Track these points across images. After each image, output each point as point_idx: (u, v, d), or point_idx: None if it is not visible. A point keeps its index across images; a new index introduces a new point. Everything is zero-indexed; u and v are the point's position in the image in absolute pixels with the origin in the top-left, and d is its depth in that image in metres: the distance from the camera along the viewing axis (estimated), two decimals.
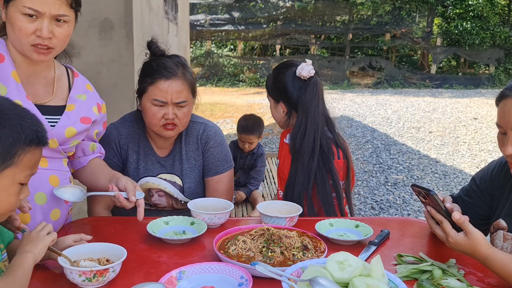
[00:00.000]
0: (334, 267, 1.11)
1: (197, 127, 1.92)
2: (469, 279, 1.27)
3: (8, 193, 1.10)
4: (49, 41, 1.39)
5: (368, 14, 15.41)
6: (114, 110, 3.55)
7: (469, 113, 9.78)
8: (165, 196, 1.89)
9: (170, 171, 1.89)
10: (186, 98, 1.76)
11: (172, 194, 1.89)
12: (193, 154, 1.91)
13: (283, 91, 1.93)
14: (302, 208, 1.69)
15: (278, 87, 1.96)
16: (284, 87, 1.92)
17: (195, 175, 1.92)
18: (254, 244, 1.37)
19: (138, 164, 1.87)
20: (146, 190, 1.87)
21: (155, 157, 1.89)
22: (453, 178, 5.69)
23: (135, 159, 1.88)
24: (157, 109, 1.74)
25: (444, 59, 15.85)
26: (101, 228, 1.64)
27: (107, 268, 1.17)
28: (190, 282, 1.20)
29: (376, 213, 4.52)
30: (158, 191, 1.89)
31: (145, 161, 1.88)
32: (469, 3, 14.47)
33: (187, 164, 1.90)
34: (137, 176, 1.86)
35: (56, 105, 1.53)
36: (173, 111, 1.74)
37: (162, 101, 1.73)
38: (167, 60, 1.77)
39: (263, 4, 15.53)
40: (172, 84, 1.72)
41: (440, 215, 1.31)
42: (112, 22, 3.34)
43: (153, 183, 1.87)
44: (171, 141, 1.89)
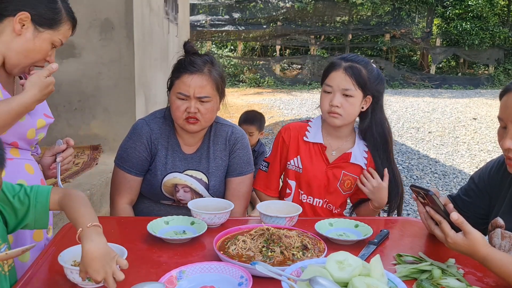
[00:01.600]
0: (334, 267, 1.12)
1: (226, 129, 1.98)
2: (468, 279, 1.27)
3: None
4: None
5: (367, 15, 15.41)
6: (114, 110, 3.57)
7: (468, 113, 9.78)
8: (190, 192, 1.92)
9: (197, 168, 1.92)
10: (209, 94, 1.80)
11: (198, 190, 1.92)
12: (220, 154, 1.96)
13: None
14: (301, 208, 1.69)
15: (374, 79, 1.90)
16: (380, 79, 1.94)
17: (220, 174, 1.95)
18: (254, 244, 1.37)
19: (166, 160, 1.90)
20: (172, 186, 1.91)
21: (182, 154, 1.93)
22: (452, 178, 5.70)
23: (164, 155, 1.91)
24: (180, 103, 1.80)
25: (444, 60, 15.85)
26: None
27: None
28: (190, 282, 1.20)
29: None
30: (184, 187, 1.91)
31: (173, 157, 1.91)
32: (468, 4, 14.48)
33: (214, 163, 1.94)
34: (164, 171, 1.89)
35: None
36: (195, 105, 1.79)
37: (185, 94, 1.79)
38: (196, 57, 1.84)
39: (263, 4, 15.54)
40: (195, 79, 1.78)
41: (439, 216, 1.31)
42: (112, 23, 3.35)
43: (180, 178, 1.90)
44: (198, 139, 1.94)
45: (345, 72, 1.82)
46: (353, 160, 1.91)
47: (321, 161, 1.93)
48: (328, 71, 1.88)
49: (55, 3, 1.48)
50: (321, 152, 1.93)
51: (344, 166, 1.92)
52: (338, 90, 1.83)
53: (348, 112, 1.85)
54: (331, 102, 1.84)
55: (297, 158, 1.94)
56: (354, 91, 1.82)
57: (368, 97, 1.88)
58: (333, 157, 1.94)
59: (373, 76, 1.86)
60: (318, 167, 1.92)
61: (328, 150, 1.94)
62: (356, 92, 1.83)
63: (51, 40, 1.49)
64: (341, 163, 1.92)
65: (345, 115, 1.85)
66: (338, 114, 1.84)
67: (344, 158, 1.93)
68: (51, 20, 1.46)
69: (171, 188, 1.91)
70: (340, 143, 1.95)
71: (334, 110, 1.84)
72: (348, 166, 1.92)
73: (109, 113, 3.49)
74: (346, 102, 1.83)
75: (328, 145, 1.94)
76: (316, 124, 1.98)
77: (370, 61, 1.92)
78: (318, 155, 1.93)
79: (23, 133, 1.49)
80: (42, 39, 1.47)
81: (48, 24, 1.46)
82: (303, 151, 1.94)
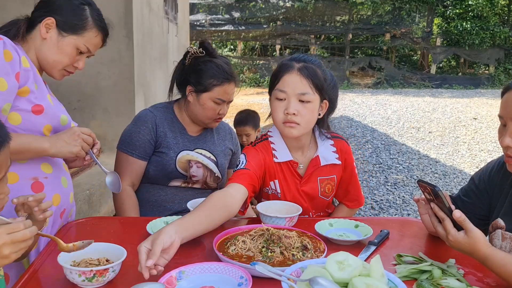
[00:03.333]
0: (334, 267, 1.11)
1: (225, 125, 2.25)
2: (468, 279, 1.27)
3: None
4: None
5: (368, 14, 15.42)
6: (114, 110, 3.56)
7: (469, 113, 9.78)
8: (202, 168, 2.04)
9: (204, 147, 2.07)
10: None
11: (209, 166, 2.06)
12: (224, 142, 2.17)
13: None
14: (301, 208, 1.69)
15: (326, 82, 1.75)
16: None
17: (227, 158, 2.15)
18: (254, 244, 1.37)
19: (176, 140, 2.02)
20: (186, 161, 2.01)
21: (189, 136, 2.07)
22: (453, 178, 5.69)
23: (173, 136, 2.02)
24: (216, 106, 1.98)
25: (444, 59, 15.86)
26: (101, 228, 1.64)
27: (107, 268, 1.18)
28: (190, 282, 1.20)
29: (376, 213, 4.52)
30: (196, 163, 2.03)
31: (182, 137, 2.04)
32: (469, 3, 14.48)
33: (219, 147, 2.12)
34: (177, 149, 2.00)
35: None
36: (226, 108, 2.03)
37: (223, 100, 1.99)
38: (227, 64, 2.01)
39: (263, 4, 15.54)
40: (231, 86, 2.00)
41: (443, 213, 1.30)
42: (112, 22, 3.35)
43: (192, 155, 2.03)
44: (201, 127, 2.10)
45: (300, 73, 1.60)
46: (323, 163, 1.76)
47: (294, 179, 1.77)
48: (279, 74, 1.64)
49: (82, 10, 1.56)
50: (292, 169, 1.76)
51: (317, 173, 1.77)
52: (293, 95, 1.60)
53: (306, 120, 1.63)
54: (287, 110, 1.60)
55: (275, 182, 1.76)
56: (312, 95, 1.61)
57: (325, 102, 1.69)
58: (302, 170, 1.77)
59: (328, 78, 1.69)
60: (294, 186, 1.77)
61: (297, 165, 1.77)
62: (313, 96, 1.61)
63: (75, 44, 1.55)
64: (312, 172, 1.77)
65: (303, 123, 1.63)
66: (295, 123, 1.62)
67: (314, 165, 1.76)
68: (75, 25, 1.54)
69: (185, 164, 2.00)
70: (305, 153, 1.78)
71: (290, 119, 1.61)
72: (320, 170, 1.78)
73: (108, 113, 3.49)
74: (303, 109, 1.61)
75: (295, 160, 1.76)
76: (277, 139, 1.76)
77: (321, 62, 1.74)
78: (290, 173, 1.76)
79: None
80: (66, 43, 1.54)
81: (71, 29, 1.54)
82: (278, 173, 1.75)
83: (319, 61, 1.73)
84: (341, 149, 1.82)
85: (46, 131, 1.51)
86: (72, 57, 1.57)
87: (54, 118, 1.53)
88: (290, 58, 1.70)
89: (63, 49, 1.55)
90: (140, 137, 1.96)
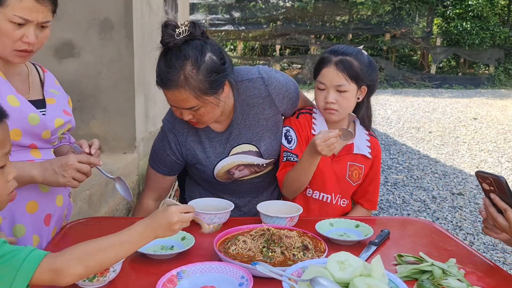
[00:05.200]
0: (335, 267, 1.11)
1: (255, 84, 1.79)
2: (469, 279, 1.27)
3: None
4: (32, 45, 1.41)
5: (368, 14, 15.41)
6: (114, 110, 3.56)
7: (469, 113, 9.78)
8: (245, 168, 1.86)
9: (239, 142, 1.82)
10: (193, 104, 1.68)
11: (252, 162, 1.86)
12: (263, 115, 1.81)
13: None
14: (302, 208, 1.69)
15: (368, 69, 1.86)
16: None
17: (270, 135, 1.85)
18: (255, 244, 1.37)
19: (206, 153, 1.81)
20: (225, 173, 1.84)
21: (218, 136, 1.81)
22: (453, 178, 5.69)
23: (201, 149, 1.81)
24: (178, 112, 1.71)
25: (444, 59, 15.85)
26: (101, 228, 1.64)
27: (108, 268, 1.17)
28: (191, 281, 1.20)
29: (376, 213, 4.52)
30: (237, 167, 1.85)
31: (212, 146, 1.81)
32: (469, 3, 14.47)
33: (256, 129, 1.82)
34: (211, 165, 1.82)
35: (36, 99, 1.54)
36: (187, 115, 1.72)
37: (174, 106, 1.74)
38: (169, 66, 1.67)
39: (263, 4, 15.53)
40: (174, 95, 1.68)
41: (504, 203, 1.26)
42: (112, 22, 3.34)
43: (229, 163, 1.83)
44: (227, 113, 1.79)
45: (336, 67, 1.78)
46: (356, 151, 1.89)
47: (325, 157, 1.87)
48: (319, 67, 1.84)
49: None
50: None
51: (349, 157, 1.90)
52: (331, 87, 1.79)
53: (344, 107, 1.82)
54: (326, 99, 1.80)
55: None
56: (348, 85, 1.79)
57: (363, 88, 1.85)
58: (336, 149, 1.88)
59: (365, 66, 1.81)
60: (324, 161, 1.87)
61: None
62: (350, 86, 1.79)
63: (7, 18, 1.33)
64: (345, 155, 1.90)
65: (342, 110, 1.82)
66: (334, 110, 1.81)
67: (347, 150, 1.90)
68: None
69: (225, 175, 1.85)
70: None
71: (329, 107, 1.81)
72: (352, 157, 1.90)
73: (108, 113, 3.48)
74: (341, 98, 1.80)
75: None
76: (319, 116, 1.92)
77: (360, 49, 1.87)
78: None
79: (38, 134, 1.48)
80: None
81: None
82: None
83: (357, 50, 1.85)
84: (374, 147, 1.95)
85: (15, 136, 1.39)
86: (10, 34, 1.35)
87: (20, 120, 1.39)
88: (330, 50, 1.86)
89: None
90: (165, 157, 1.84)
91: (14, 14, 1.33)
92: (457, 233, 4.13)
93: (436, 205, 4.78)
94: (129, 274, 1.25)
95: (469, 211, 4.64)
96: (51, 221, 1.56)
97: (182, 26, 1.56)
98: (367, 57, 1.86)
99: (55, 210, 1.56)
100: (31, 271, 0.95)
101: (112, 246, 1.06)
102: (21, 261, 0.95)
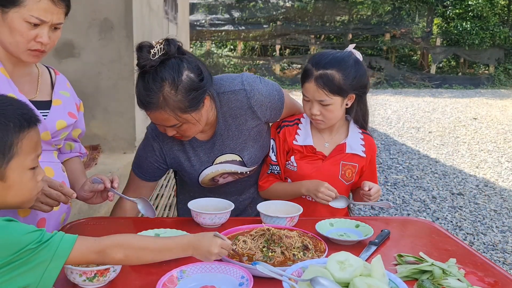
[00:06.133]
0: (335, 267, 1.11)
1: (237, 97, 1.76)
2: (469, 279, 1.27)
3: (23, 183, 1.11)
4: (45, 46, 1.44)
5: (368, 14, 15.42)
6: (114, 110, 3.56)
7: (468, 113, 9.78)
8: (229, 175, 1.87)
9: (223, 152, 1.82)
10: (176, 122, 1.67)
11: (236, 171, 1.86)
12: (245, 125, 1.80)
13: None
14: (302, 208, 1.69)
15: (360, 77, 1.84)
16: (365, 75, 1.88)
17: (253, 144, 1.85)
18: (255, 244, 1.37)
19: (191, 161, 1.82)
20: (209, 180, 1.86)
21: (202, 145, 1.82)
22: (452, 178, 5.69)
23: (186, 158, 1.82)
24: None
25: (444, 59, 15.86)
26: (101, 228, 1.64)
27: (108, 268, 1.17)
28: (191, 281, 1.20)
29: (376, 213, 4.52)
30: (221, 175, 1.86)
31: (196, 155, 1.82)
32: (469, 3, 14.48)
33: (239, 139, 1.81)
34: (196, 173, 1.83)
35: (42, 100, 1.56)
36: (171, 132, 1.72)
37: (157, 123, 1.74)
38: (146, 89, 1.66)
39: (263, 4, 15.54)
40: (156, 116, 1.68)
41: None
42: (112, 23, 3.34)
43: (213, 171, 1.84)
44: (210, 123, 1.77)
45: (316, 84, 1.75)
46: (349, 150, 1.88)
47: (315, 159, 1.90)
48: (303, 79, 1.82)
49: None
50: (313, 151, 1.89)
51: (341, 157, 1.90)
52: (314, 101, 1.78)
53: (330, 117, 1.81)
54: (311, 111, 1.81)
55: (292, 157, 1.91)
56: (330, 99, 1.76)
57: (350, 96, 1.82)
58: (327, 149, 1.90)
59: (349, 77, 1.76)
60: (316, 161, 1.89)
61: (321, 145, 1.90)
62: (332, 100, 1.76)
63: (23, 18, 1.36)
64: (337, 155, 1.90)
65: (328, 120, 1.82)
66: (320, 120, 1.82)
67: (340, 150, 1.89)
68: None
69: (210, 182, 1.87)
70: (333, 134, 1.92)
71: (315, 118, 1.82)
72: (345, 156, 1.90)
73: (108, 113, 3.49)
74: (325, 110, 1.79)
75: (320, 138, 1.91)
76: (305, 125, 1.92)
77: (349, 53, 1.82)
78: (311, 154, 1.90)
79: None
80: (12, 19, 1.36)
81: (10, 2, 1.35)
82: (296, 151, 1.90)
83: (343, 57, 1.80)
84: (369, 145, 1.93)
85: None
86: (25, 33, 1.37)
87: None
88: (313, 60, 1.80)
89: (12, 26, 1.37)
90: (149, 165, 1.83)
91: (31, 15, 1.36)
92: (457, 233, 4.13)
93: (436, 205, 4.78)
94: (129, 274, 1.25)
95: (469, 211, 4.64)
96: (46, 225, 1.53)
97: (157, 45, 1.55)
98: (353, 62, 1.80)
99: (50, 215, 1.53)
100: (68, 250, 1.03)
101: (153, 249, 1.15)
102: (56, 244, 1.02)
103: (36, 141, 1.13)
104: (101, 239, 1.10)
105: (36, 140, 1.13)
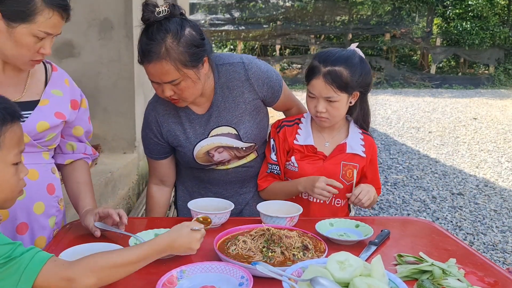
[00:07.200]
0: (335, 267, 1.11)
1: (236, 68, 1.81)
2: (469, 279, 1.27)
3: (5, 178, 1.09)
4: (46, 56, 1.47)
5: (368, 14, 15.41)
6: (114, 110, 3.56)
7: (468, 113, 9.78)
8: (225, 150, 1.85)
9: (219, 124, 1.83)
10: (174, 77, 1.68)
11: (232, 145, 1.85)
12: (242, 98, 1.83)
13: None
14: (302, 208, 1.69)
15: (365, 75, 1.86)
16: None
17: (249, 119, 1.85)
18: (254, 244, 1.37)
19: (186, 134, 1.83)
20: (204, 154, 1.84)
21: (198, 118, 1.83)
22: (452, 178, 5.69)
23: (181, 130, 1.84)
24: (156, 86, 1.72)
25: (444, 59, 15.84)
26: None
27: None
28: (191, 281, 1.20)
29: (376, 213, 4.52)
30: (216, 149, 1.84)
31: (192, 127, 1.83)
32: (469, 3, 14.47)
33: (236, 112, 1.83)
34: (190, 146, 1.83)
35: (28, 101, 1.51)
36: (168, 90, 1.71)
37: (156, 82, 1.72)
38: (149, 39, 1.68)
39: (263, 4, 15.53)
40: (154, 68, 1.70)
41: None
42: (112, 22, 3.34)
43: (208, 144, 1.83)
44: (207, 95, 1.81)
45: (324, 80, 1.77)
46: (349, 150, 1.89)
47: (316, 159, 1.90)
48: (309, 76, 1.83)
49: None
50: (313, 151, 1.91)
51: (342, 157, 1.90)
52: (321, 97, 1.80)
53: (335, 115, 1.83)
54: (316, 108, 1.82)
55: (292, 157, 1.92)
56: (337, 96, 1.78)
57: (355, 93, 1.85)
58: (327, 149, 1.91)
59: (356, 74, 1.79)
60: (317, 161, 1.89)
61: (321, 144, 1.91)
62: (339, 96, 1.79)
63: (30, 33, 1.36)
64: (338, 155, 1.91)
65: (333, 118, 1.84)
66: (325, 118, 1.83)
67: (340, 150, 1.90)
68: (22, 12, 1.34)
69: (204, 157, 1.85)
70: (333, 134, 1.94)
71: (320, 115, 1.82)
72: (345, 156, 1.90)
73: (108, 113, 3.49)
74: (331, 107, 1.80)
75: (321, 138, 1.92)
76: (306, 124, 1.94)
77: (353, 51, 1.84)
78: (312, 154, 1.91)
79: None
80: (19, 34, 1.36)
81: (19, 18, 1.34)
82: (297, 151, 1.91)
83: (347, 55, 1.81)
84: (369, 145, 1.95)
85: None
86: (31, 47, 1.39)
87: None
88: (320, 57, 1.82)
89: (19, 41, 1.37)
90: (150, 141, 1.89)
91: (40, 30, 1.37)
92: (457, 233, 4.13)
93: (436, 205, 4.78)
94: (129, 274, 1.25)
95: (469, 211, 4.64)
96: (28, 230, 1.49)
97: (162, 6, 1.62)
98: (359, 60, 1.82)
99: (33, 219, 1.49)
100: (35, 273, 0.97)
101: (127, 263, 1.10)
102: (26, 263, 0.97)
103: (19, 136, 1.11)
104: (73, 264, 1.04)
105: (20, 135, 1.11)
